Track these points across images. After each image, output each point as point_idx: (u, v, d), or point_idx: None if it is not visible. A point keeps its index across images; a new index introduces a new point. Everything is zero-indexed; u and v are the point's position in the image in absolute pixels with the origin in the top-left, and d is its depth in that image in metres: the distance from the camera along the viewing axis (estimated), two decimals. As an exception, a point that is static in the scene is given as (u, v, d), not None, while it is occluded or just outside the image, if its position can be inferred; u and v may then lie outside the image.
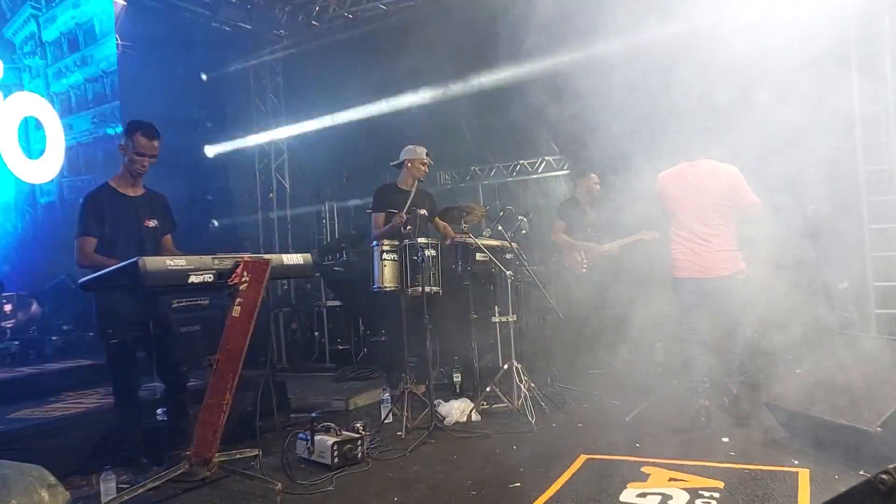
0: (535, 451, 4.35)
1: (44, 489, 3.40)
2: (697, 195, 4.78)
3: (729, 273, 4.68)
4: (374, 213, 5.95)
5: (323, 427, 4.45)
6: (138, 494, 3.60)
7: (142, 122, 4.30)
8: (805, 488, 3.44)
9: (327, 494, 3.83)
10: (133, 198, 4.39)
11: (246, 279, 3.63)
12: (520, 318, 5.69)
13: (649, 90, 6.18)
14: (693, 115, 5.60)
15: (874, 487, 1.22)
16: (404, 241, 5.26)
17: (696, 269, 4.74)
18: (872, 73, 6.20)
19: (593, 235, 6.81)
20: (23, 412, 4.80)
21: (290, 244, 10.31)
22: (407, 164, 5.96)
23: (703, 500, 3.37)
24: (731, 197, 4.69)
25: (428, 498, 3.70)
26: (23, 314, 7.57)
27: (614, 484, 3.65)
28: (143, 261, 3.30)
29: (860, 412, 3.66)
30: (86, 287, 3.89)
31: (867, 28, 6.17)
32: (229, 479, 3.99)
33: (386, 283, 5.27)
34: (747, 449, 4.13)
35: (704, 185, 4.77)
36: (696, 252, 4.74)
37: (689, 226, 4.79)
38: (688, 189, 4.82)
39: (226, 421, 3.66)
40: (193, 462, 3.66)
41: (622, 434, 4.61)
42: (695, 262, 4.75)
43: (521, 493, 3.64)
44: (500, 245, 5.71)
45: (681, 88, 6.14)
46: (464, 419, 5.18)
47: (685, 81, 6.09)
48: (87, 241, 4.19)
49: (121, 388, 4.35)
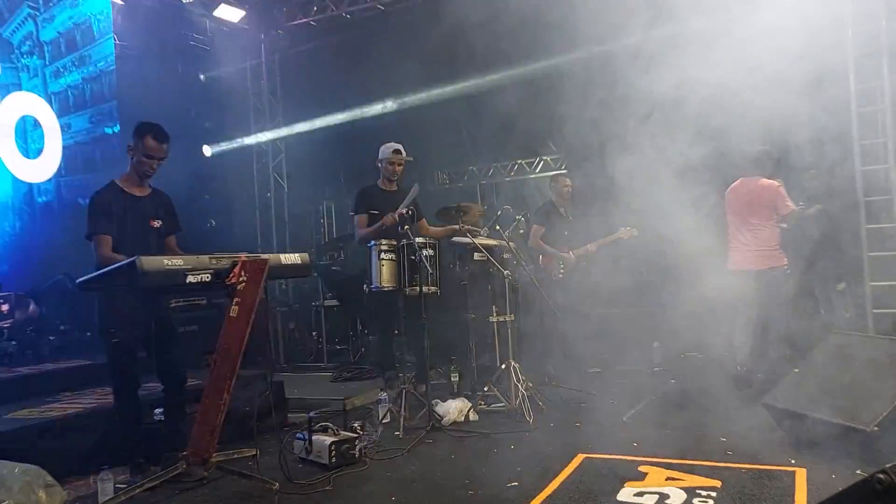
0: (532, 451, 4.34)
1: (41, 489, 3.40)
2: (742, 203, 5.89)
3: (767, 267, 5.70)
4: (356, 215, 5.95)
5: (321, 427, 4.45)
6: (136, 494, 3.60)
7: (152, 125, 4.30)
8: (802, 487, 3.44)
9: (325, 494, 3.83)
10: (140, 198, 4.39)
11: (244, 279, 3.63)
12: (517, 317, 5.70)
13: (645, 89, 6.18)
14: (692, 114, 5.69)
15: (871, 487, 1.23)
16: (402, 240, 5.26)
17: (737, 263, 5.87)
18: (870, 73, 6.21)
19: (572, 237, 6.83)
20: (20, 412, 4.79)
21: (288, 244, 10.30)
22: (377, 164, 5.96)
23: (701, 500, 3.37)
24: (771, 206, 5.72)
25: (426, 497, 3.70)
26: (20, 314, 7.54)
27: (612, 483, 3.65)
28: (141, 260, 3.30)
29: (857, 412, 3.67)
30: (84, 287, 3.89)
31: (864, 28, 6.18)
32: (227, 479, 3.97)
33: (384, 283, 5.26)
34: (744, 448, 4.13)
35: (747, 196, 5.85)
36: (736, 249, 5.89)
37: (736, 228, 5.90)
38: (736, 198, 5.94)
39: (223, 421, 3.66)
40: (191, 462, 3.66)
41: (620, 433, 4.61)
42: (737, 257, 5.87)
43: (519, 492, 3.64)
44: (498, 244, 5.71)
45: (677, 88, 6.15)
46: (461, 419, 5.18)
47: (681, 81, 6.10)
48: (104, 240, 4.17)
49: (121, 387, 4.34)
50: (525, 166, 9.31)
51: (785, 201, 5.68)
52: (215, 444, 3.68)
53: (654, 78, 6.16)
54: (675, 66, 5.95)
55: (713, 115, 6.28)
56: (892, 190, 6.18)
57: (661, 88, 6.02)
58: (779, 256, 5.76)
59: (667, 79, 6.07)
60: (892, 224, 6.17)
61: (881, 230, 6.26)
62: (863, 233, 6.28)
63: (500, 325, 5.63)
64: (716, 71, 5.67)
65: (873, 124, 6.29)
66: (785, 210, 5.69)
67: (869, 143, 6.30)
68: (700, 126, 6.51)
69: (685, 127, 6.64)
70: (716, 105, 6.21)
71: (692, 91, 6.12)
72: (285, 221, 10.49)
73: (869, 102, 6.25)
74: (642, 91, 6.17)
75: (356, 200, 6.00)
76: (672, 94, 6.18)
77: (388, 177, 5.92)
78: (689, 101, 6.36)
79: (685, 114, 6.58)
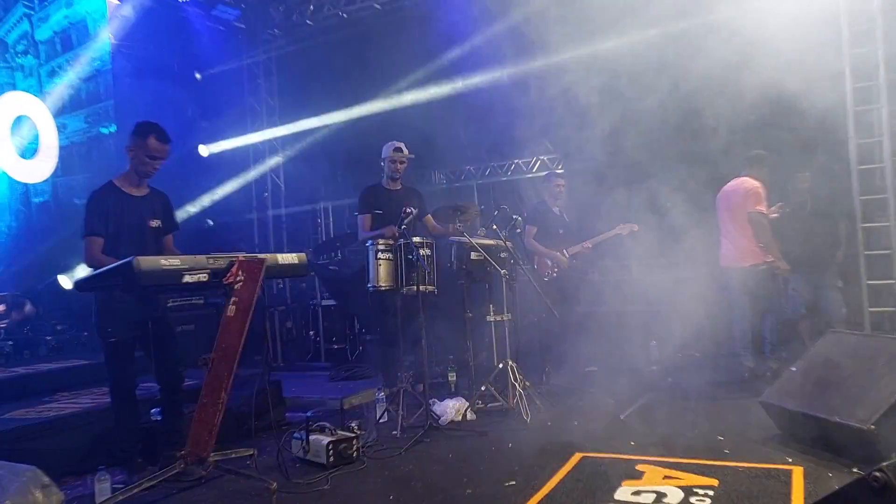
0: (530, 450, 4.34)
1: (38, 490, 3.38)
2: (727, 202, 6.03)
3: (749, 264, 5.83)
4: (360, 216, 5.95)
5: (318, 426, 4.45)
6: (133, 494, 3.59)
7: (154, 125, 4.29)
8: (799, 486, 3.45)
9: (323, 493, 3.83)
10: (138, 198, 4.38)
11: (241, 278, 3.63)
12: (515, 316, 5.70)
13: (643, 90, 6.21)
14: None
15: (867, 485, 1.23)
16: (399, 240, 5.26)
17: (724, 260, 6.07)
18: (866, 72, 6.22)
19: (568, 235, 6.84)
20: (17, 412, 4.78)
21: (285, 243, 10.28)
22: (381, 163, 5.98)
23: (698, 498, 3.38)
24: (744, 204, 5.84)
25: (423, 497, 3.70)
26: (17, 314, 7.54)
27: (609, 482, 3.66)
28: (138, 260, 3.30)
29: (854, 410, 3.68)
30: (80, 286, 3.88)
31: (861, 28, 6.20)
32: (225, 479, 3.97)
33: (381, 282, 5.27)
34: (741, 447, 4.14)
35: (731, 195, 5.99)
36: (723, 246, 6.09)
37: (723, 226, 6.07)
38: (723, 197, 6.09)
39: (221, 420, 3.65)
40: (189, 461, 3.65)
41: (617, 432, 4.62)
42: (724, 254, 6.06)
43: (517, 491, 3.64)
44: (495, 244, 5.71)
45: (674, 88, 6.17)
46: (459, 418, 5.19)
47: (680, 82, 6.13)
48: (95, 242, 4.17)
49: (118, 387, 4.34)
50: (522, 166, 9.30)
51: (755, 202, 5.79)
52: (213, 444, 3.68)
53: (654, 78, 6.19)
54: (674, 66, 5.98)
55: (707, 115, 6.31)
56: (888, 189, 6.20)
57: (657, 89, 6.06)
58: (760, 254, 5.82)
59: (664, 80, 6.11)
60: (888, 223, 6.19)
61: (877, 229, 6.28)
62: (859, 232, 6.30)
63: (497, 324, 5.63)
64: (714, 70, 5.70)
65: (869, 124, 6.31)
66: (750, 207, 5.80)
67: (865, 142, 6.32)
68: (694, 125, 6.54)
69: (681, 127, 6.67)
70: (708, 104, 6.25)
71: (685, 90, 6.15)
72: (282, 221, 10.48)
73: (865, 102, 6.27)
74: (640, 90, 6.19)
75: (360, 201, 6.00)
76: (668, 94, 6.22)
77: (391, 175, 5.93)
78: (683, 100, 6.39)
79: (680, 114, 6.61)
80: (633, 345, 6.70)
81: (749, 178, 5.91)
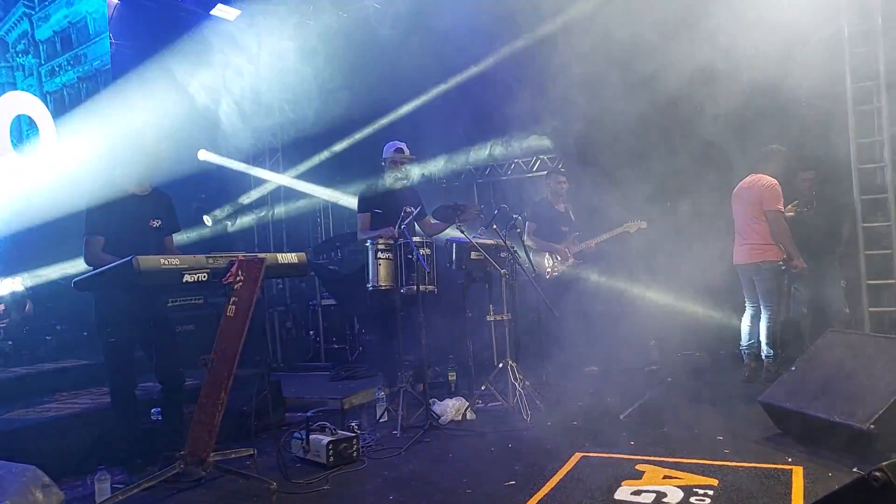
0: (529, 449, 4.35)
1: (38, 490, 3.38)
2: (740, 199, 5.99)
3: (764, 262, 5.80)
4: (360, 215, 5.95)
5: (318, 426, 4.45)
6: (133, 494, 3.59)
7: None
8: (799, 485, 3.45)
9: (323, 493, 3.83)
10: (140, 197, 4.40)
11: (241, 278, 3.63)
12: (514, 316, 5.70)
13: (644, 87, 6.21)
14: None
15: (867, 484, 1.23)
16: (399, 239, 5.26)
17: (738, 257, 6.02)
18: (866, 72, 6.22)
19: (572, 233, 6.83)
20: (16, 412, 4.78)
21: (285, 243, 10.27)
22: (382, 163, 5.99)
23: (698, 498, 3.38)
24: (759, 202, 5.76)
25: (423, 496, 3.70)
26: (16, 314, 7.53)
27: (609, 482, 3.65)
28: (137, 260, 3.30)
29: (853, 410, 3.68)
30: (80, 286, 3.88)
31: (860, 27, 6.19)
32: (224, 479, 3.97)
33: (381, 282, 5.27)
34: (741, 446, 4.14)
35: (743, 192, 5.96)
36: (736, 243, 6.03)
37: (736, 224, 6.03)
38: (738, 193, 6.04)
39: (221, 420, 3.65)
40: (188, 462, 3.66)
41: (617, 432, 4.62)
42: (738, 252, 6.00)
43: (516, 491, 3.64)
44: (495, 243, 5.71)
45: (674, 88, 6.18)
46: (459, 418, 5.19)
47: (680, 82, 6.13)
48: (95, 241, 4.18)
49: (117, 387, 4.34)
50: (522, 165, 9.29)
51: (773, 201, 5.70)
52: (213, 444, 3.68)
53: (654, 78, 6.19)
54: (674, 66, 5.98)
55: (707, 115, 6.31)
56: (888, 188, 6.19)
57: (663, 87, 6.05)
58: (772, 251, 5.76)
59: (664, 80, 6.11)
60: (888, 223, 6.18)
61: (877, 229, 6.28)
62: (859, 231, 6.30)
63: (497, 323, 5.63)
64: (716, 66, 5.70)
65: (869, 123, 6.30)
66: (768, 206, 5.71)
67: (865, 141, 6.31)
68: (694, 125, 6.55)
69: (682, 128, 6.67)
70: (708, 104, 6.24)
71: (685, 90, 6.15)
72: (282, 220, 10.46)
73: (866, 101, 6.26)
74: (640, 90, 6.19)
75: (360, 200, 6.01)
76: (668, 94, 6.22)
77: (391, 175, 5.93)
78: (684, 100, 6.39)
79: (680, 113, 6.61)
80: (633, 345, 6.71)
81: (764, 175, 5.83)
